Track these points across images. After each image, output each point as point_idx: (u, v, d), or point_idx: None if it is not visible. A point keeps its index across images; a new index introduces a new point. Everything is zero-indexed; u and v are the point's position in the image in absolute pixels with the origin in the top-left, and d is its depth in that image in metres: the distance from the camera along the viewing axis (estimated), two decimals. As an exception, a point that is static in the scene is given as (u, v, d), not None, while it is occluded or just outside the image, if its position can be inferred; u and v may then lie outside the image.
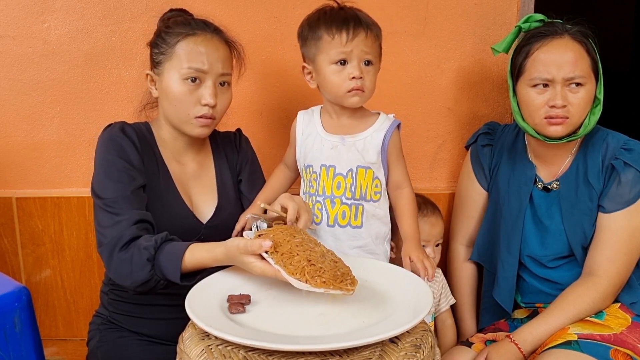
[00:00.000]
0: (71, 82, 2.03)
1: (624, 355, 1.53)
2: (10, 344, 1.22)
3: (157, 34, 1.60)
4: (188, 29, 1.56)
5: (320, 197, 1.61)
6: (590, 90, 1.60)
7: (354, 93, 1.54)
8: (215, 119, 1.57)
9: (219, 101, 1.56)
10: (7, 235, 2.09)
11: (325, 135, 1.62)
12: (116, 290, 1.61)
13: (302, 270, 1.21)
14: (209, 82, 1.53)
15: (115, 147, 1.52)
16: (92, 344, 1.62)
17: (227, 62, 1.59)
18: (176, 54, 1.53)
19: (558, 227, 1.69)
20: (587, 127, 1.63)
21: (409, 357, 1.12)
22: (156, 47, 1.57)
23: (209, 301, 1.25)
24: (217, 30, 1.60)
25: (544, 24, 1.67)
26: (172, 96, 1.54)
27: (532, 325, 1.61)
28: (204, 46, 1.54)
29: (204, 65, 1.52)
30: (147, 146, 1.59)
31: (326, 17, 1.56)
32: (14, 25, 2.00)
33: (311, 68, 1.60)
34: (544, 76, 1.59)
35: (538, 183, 1.74)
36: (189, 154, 1.65)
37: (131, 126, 1.59)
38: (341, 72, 1.53)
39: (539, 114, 1.61)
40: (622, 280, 1.64)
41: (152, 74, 1.59)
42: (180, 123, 1.57)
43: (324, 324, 1.18)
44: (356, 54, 1.52)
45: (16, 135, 2.07)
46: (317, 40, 1.55)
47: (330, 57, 1.53)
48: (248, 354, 1.11)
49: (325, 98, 1.63)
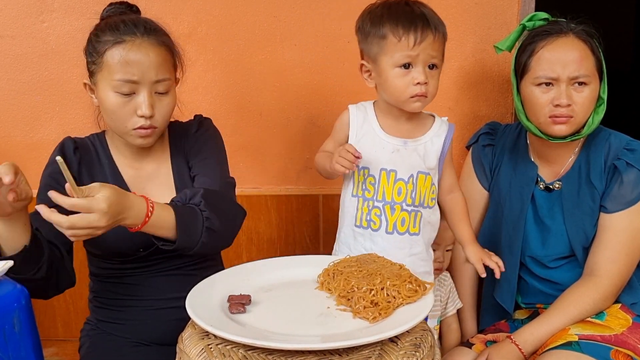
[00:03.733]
0: (70, 82, 2.03)
1: (624, 355, 1.53)
2: (10, 344, 1.22)
3: (89, 39, 1.48)
4: (116, 35, 1.42)
5: (380, 202, 1.54)
6: (594, 89, 1.60)
7: (416, 99, 1.47)
8: (157, 128, 1.47)
9: (158, 110, 1.45)
10: (6, 236, 2.08)
11: (385, 137, 1.54)
12: (99, 298, 1.60)
13: None
14: (144, 92, 1.42)
15: (48, 165, 1.52)
16: (83, 351, 1.60)
17: (163, 67, 1.45)
18: (106, 65, 1.42)
19: (559, 227, 1.69)
20: (591, 127, 1.62)
21: (409, 356, 1.12)
22: (89, 56, 1.47)
23: (209, 301, 1.24)
24: (148, 32, 1.45)
25: (548, 22, 1.67)
26: (107, 108, 1.44)
27: (533, 326, 1.61)
28: (132, 54, 1.40)
29: (134, 76, 1.41)
30: (94, 158, 1.55)
31: (391, 14, 1.45)
32: (13, 25, 2.00)
33: (371, 67, 1.51)
34: (549, 75, 1.59)
35: (540, 183, 1.73)
36: (143, 158, 1.58)
37: (74, 143, 1.55)
38: (405, 77, 1.45)
39: (544, 113, 1.61)
40: (623, 281, 1.64)
41: (89, 83, 1.50)
42: (121, 134, 1.49)
43: (324, 324, 1.18)
44: (422, 58, 1.44)
45: (15, 135, 2.07)
46: (381, 40, 1.45)
47: (395, 60, 1.44)
48: (248, 353, 1.10)
49: (381, 97, 1.55)
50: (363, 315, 1.18)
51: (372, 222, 1.55)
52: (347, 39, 2.01)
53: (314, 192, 2.11)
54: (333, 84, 2.04)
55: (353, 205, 1.58)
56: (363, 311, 1.19)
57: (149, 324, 1.54)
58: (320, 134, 2.07)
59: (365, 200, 1.55)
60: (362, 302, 1.20)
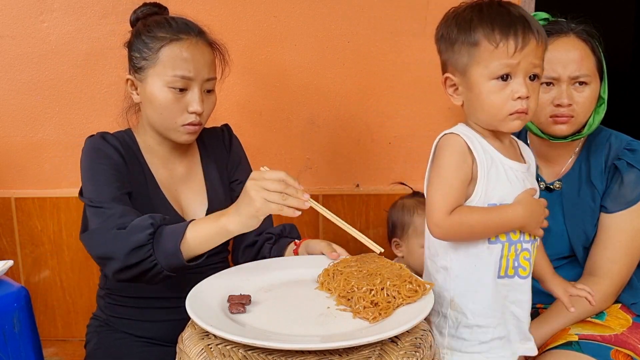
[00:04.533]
0: (70, 81, 2.03)
1: (624, 355, 1.52)
2: (10, 344, 1.22)
3: (137, 35, 1.52)
4: (171, 33, 1.48)
5: (528, 243, 1.29)
6: (595, 89, 1.60)
7: (515, 116, 1.23)
8: (201, 125, 1.53)
9: (205, 107, 1.51)
10: (6, 236, 2.09)
11: (509, 162, 1.28)
12: (113, 295, 1.59)
13: None
14: (196, 89, 1.48)
15: (100, 155, 1.48)
16: (89, 347, 1.61)
17: (213, 67, 1.54)
18: (160, 61, 1.47)
19: (560, 227, 1.68)
20: (592, 127, 1.62)
21: (409, 356, 1.12)
22: (137, 51, 1.50)
23: (209, 301, 1.24)
24: (201, 33, 1.53)
25: (548, 22, 1.67)
26: (157, 104, 1.48)
27: (533, 326, 1.60)
28: (189, 52, 1.47)
29: (190, 73, 1.47)
30: (131, 155, 1.54)
31: (484, 17, 1.22)
32: (13, 25, 2.00)
33: (458, 80, 1.27)
34: (550, 74, 1.59)
35: (540, 183, 1.73)
36: (175, 159, 1.61)
37: (113, 135, 1.55)
38: (503, 90, 1.22)
39: (544, 113, 1.61)
40: (624, 281, 1.64)
41: (133, 79, 1.53)
42: (167, 130, 1.52)
43: (324, 324, 1.18)
44: (523, 66, 1.20)
45: (15, 135, 2.07)
46: (472, 47, 1.22)
47: (491, 70, 1.21)
48: (247, 353, 1.10)
49: (472, 118, 1.29)
50: (363, 315, 1.18)
51: (521, 269, 1.30)
52: (347, 39, 2.01)
53: (314, 192, 2.10)
54: (333, 84, 2.04)
55: (493, 253, 1.28)
56: (363, 311, 1.19)
57: (160, 324, 1.54)
58: (320, 134, 2.07)
59: (512, 244, 1.28)
60: (362, 302, 1.20)
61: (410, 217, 1.83)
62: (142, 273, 1.32)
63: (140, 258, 1.29)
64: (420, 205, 1.81)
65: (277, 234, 1.64)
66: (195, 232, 1.30)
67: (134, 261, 1.29)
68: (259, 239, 1.64)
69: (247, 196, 1.24)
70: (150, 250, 1.29)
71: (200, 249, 1.32)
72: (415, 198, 1.86)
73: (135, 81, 1.52)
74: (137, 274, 1.32)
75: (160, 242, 1.30)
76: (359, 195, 2.08)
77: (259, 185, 1.23)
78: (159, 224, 1.32)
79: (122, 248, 1.29)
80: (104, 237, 1.35)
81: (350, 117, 2.06)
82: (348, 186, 2.12)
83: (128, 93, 1.57)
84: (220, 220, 1.29)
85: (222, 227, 1.29)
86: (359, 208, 2.08)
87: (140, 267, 1.30)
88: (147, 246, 1.29)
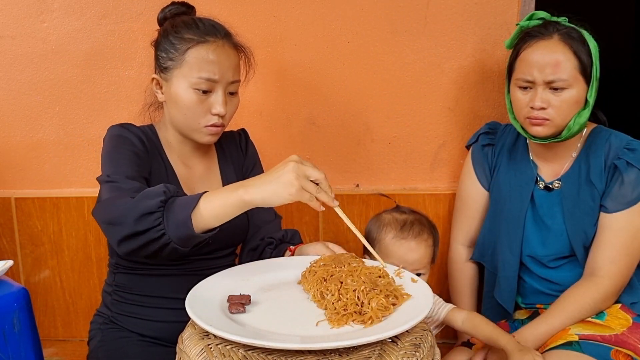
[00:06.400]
0: (70, 81, 2.03)
1: (624, 355, 1.53)
2: (10, 344, 1.22)
3: (164, 35, 1.53)
4: (199, 35, 1.49)
5: None
6: (575, 93, 1.59)
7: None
8: (223, 127, 1.55)
9: (228, 109, 1.52)
10: (5, 236, 2.09)
11: None
12: (121, 292, 1.59)
13: None
14: (220, 91, 1.49)
15: (123, 140, 1.49)
16: (92, 344, 1.61)
17: (237, 69, 1.55)
18: (186, 62, 1.48)
19: (559, 226, 1.69)
20: (571, 130, 1.62)
21: (409, 356, 1.12)
22: (164, 51, 1.52)
23: (209, 301, 1.24)
24: (227, 35, 1.54)
25: (542, 22, 1.66)
26: (181, 104, 1.49)
27: (533, 326, 1.61)
28: (215, 55, 1.48)
29: (215, 75, 1.48)
30: (153, 147, 1.56)
31: None
32: (13, 25, 2.00)
33: None
34: (526, 77, 1.61)
35: (539, 183, 1.73)
36: (195, 157, 1.63)
37: (136, 126, 1.56)
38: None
39: (522, 114, 1.64)
40: (624, 281, 1.64)
41: (158, 78, 1.54)
42: (189, 131, 1.53)
43: (323, 324, 1.18)
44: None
45: (15, 135, 2.07)
46: None
47: None
48: (247, 352, 1.10)
49: None
50: (343, 323, 1.17)
51: None
52: (347, 39, 2.01)
53: (314, 192, 2.11)
54: (333, 84, 2.04)
55: None
56: (342, 318, 1.17)
57: (166, 324, 1.54)
58: (320, 133, 2.07)
59: None
60: (332, 310, 1.19)
61: (380, 233, 1.69)
62: (149, 242, 1.25)
63: (148, 225, 1.23)
64: (394, 223, 1.69)
65: (279, 239, 1.64)
66: (210, 202, 1.25)
67: (141, 228, 1.23)
68: (261, 243, 1.65)
69: (285, 177, 1.21)
70: (160, 218, 1.23)
71: (213, 222, 1.26)
72: (392, 214, 1.73)
73: (161, 80, 1.54)
74: (143, 243, 1.25)
75: (171, 211, 1.24)
76: (359, 195, 2.07)
77: (303, 172, 1.23)
78: (172, 194, 1.27)
79: (132, 213, 1.24)
80: (115, 204, 1.29)
81: (350, 117, 2.06)
82: (348, 186, 2.12)
83: (149, 89, 1.59)
84: (237, 191, 1.24)
85: (238, 198, 1.23)
86: (359, 208, 2.07)
87: (148, 235, 1.24)
88: (156, 213, 1.23)
